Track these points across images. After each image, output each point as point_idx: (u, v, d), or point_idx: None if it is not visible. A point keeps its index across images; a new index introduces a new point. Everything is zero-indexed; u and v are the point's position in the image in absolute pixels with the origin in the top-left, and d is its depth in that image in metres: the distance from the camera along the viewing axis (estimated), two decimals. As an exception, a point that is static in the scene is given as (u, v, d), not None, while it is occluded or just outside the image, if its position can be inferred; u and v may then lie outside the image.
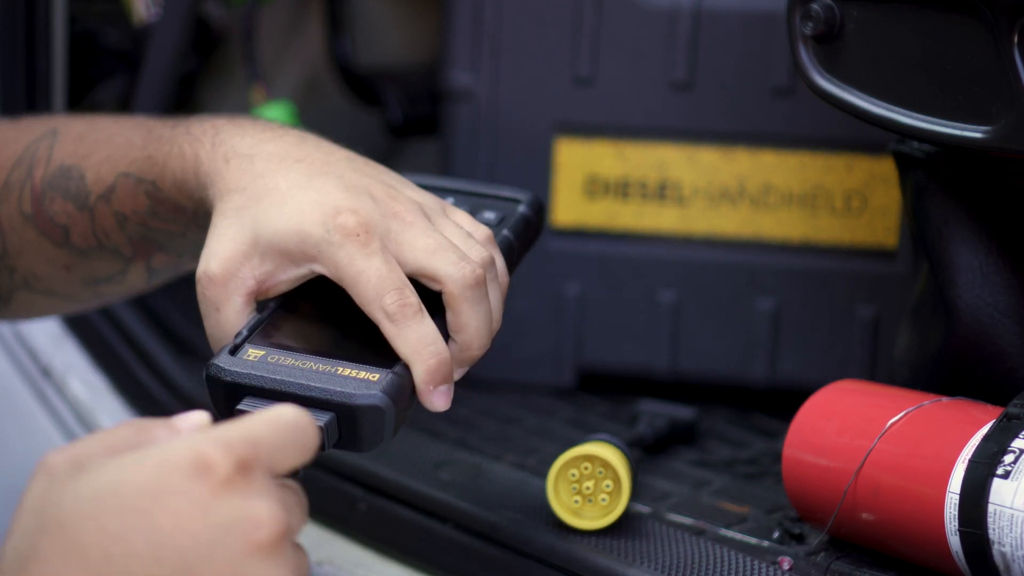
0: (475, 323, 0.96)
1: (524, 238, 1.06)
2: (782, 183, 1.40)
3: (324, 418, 0.90)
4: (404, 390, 0.93)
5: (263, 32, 1.73)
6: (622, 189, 1.43)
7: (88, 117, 1.16)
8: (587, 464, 1.07)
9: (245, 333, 0.95)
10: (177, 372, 1.45)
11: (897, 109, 1.02)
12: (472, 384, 1.46)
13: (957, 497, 0.92)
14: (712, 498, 1.18)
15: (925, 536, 0.95)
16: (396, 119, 1.80)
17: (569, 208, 1.45)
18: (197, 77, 1.83)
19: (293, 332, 0.98)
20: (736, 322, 1.42)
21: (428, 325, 0.94)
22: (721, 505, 1.16)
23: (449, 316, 0.96)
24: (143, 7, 1.62)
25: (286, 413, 0.77)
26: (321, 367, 0.92)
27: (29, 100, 1.55)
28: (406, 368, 0.93)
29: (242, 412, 0.90)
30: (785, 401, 1.23)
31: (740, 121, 1.40)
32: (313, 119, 1.81)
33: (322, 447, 0.89)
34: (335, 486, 1.25)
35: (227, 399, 0.92)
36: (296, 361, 0.93)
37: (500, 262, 1.01)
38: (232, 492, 0.72)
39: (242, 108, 1.72)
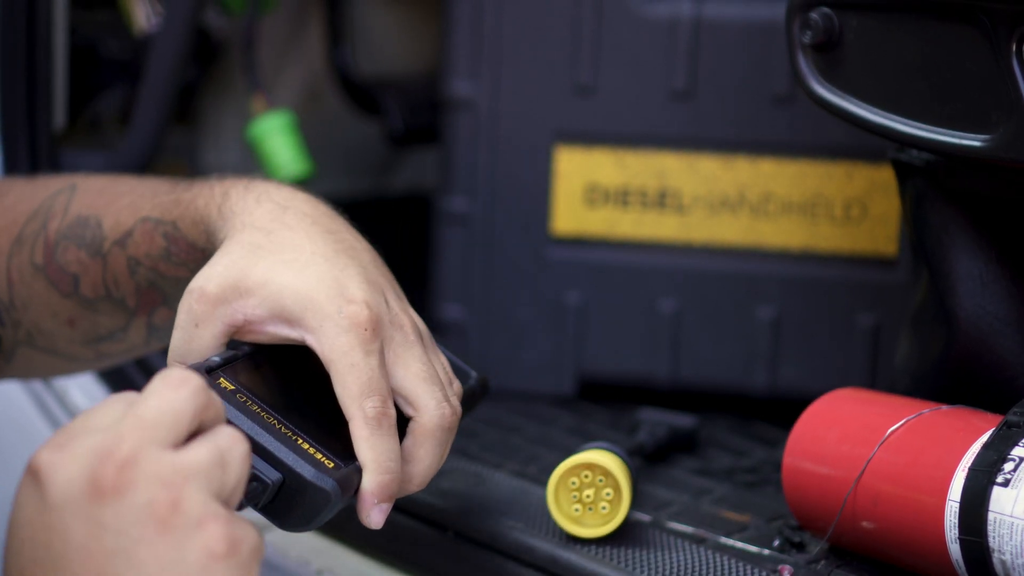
0: (428, 461, 0.96)
1: (466, 409, 1.05)
2: (782, 191, 1.40)
3: (273, 476, 0.88)
4: (350, 490, 0.91)
5: (263, 42, 1.73)
6: (622, 197, 1.43)
7: (111, 175, 1.17)
8: (587, 472, 1.07)
9: (219, 361, 0.94)
10: (178, 381, 1.45)
11: (896, 117, 1.02)
12: (472, 393, 1.47)
13: (957, 505, 0.92)
14: (713, 506, 1.18)
15: (925, 544, 0.95)
16: (396, 128, 1.81)
17: (569, 216, 1.45)
18: (197, 87, 1.83)
19: (262, 385, 0.96)
20: (736, 331, 1.42)
21: (396, 442, 0.94)
22: (722, 513, 1.16)
23: (407, 444, 0.96)
24: (143, 17, 1.62)
25: (224, 441, 0.78)
26: (284, 429, 0.91)
27: (30, 110, 1.55)
28: (359, 471, 0.92)
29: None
30: (785, 409, 1.23)
31: (740, 130, 1.41)
32: (313, 128, 1.81)
33: (254, 501, 0.88)
34: (336, 495, 1.25)
35: None
36: (262, 412, 0.92)
37: None
38: (177, 520, 0.74)
39: (242, 117, 1.72)
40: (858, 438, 1.01)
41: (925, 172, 1.10)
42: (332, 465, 0.90)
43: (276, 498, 0.89)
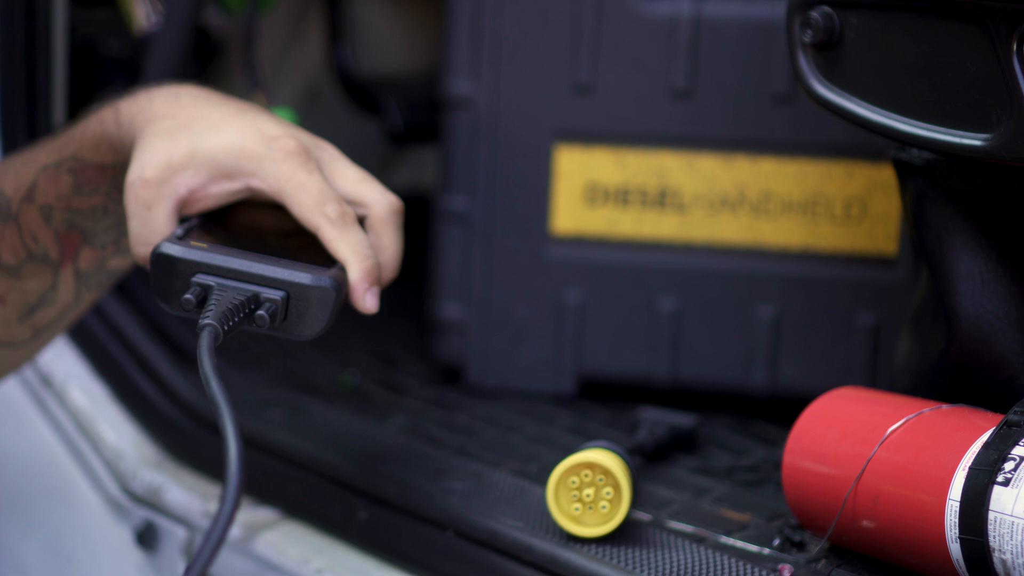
0: (394, 246, 1.09)
1: None
2: (782, 190, 1.40)
3: (277, 295, 1.00)
4: (343, 285, 1.03)
5: (263, 40, 1.73)
6: (622, 196, 1.43)
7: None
8: (587, 471, 1.07)
9: (182, 231, 1.03)
10: (178, 380, 1.45)
11: (896, 117, 1.02)
12: (472, 391, 1.47)
13: (957, 504, 0.92)
14: (713, 506, 1.18)
15: (926, 543, 0.95)
16: (396, 127, 1.81)
17: (569, 216, 1.45)
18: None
19: (226, 239, 1.06)
20: (736, 330, 1.42)
21: (362, 233, 1.06)
22: (722, 513, 1.16)
23: (371, 238, 1.08)
24: (143, 16, 1.62)
25: None
26: (266, 261, 1.01)
27: (29, 108, 1.55)
28: (342, 269, 1.04)
29: (197, 285, 0.99)
30: (785, 408, 1.23)
31: (740, 128, 1.41)
32: (313, 127, 1.81)
33: (272, 321, 0.99)
34: (335, 494, 1.25)
35: (172, 279, 1.00)
36: (241, 255, 1.01)
37: None
38: None
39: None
40: (858, 437, 1.01)
41: (925, 171, 1.10)
42: (319, 271, 1.01)
43: (287, 314, 1.00)
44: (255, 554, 1.27)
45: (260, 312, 0.99)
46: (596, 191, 1.44)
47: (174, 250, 1.00)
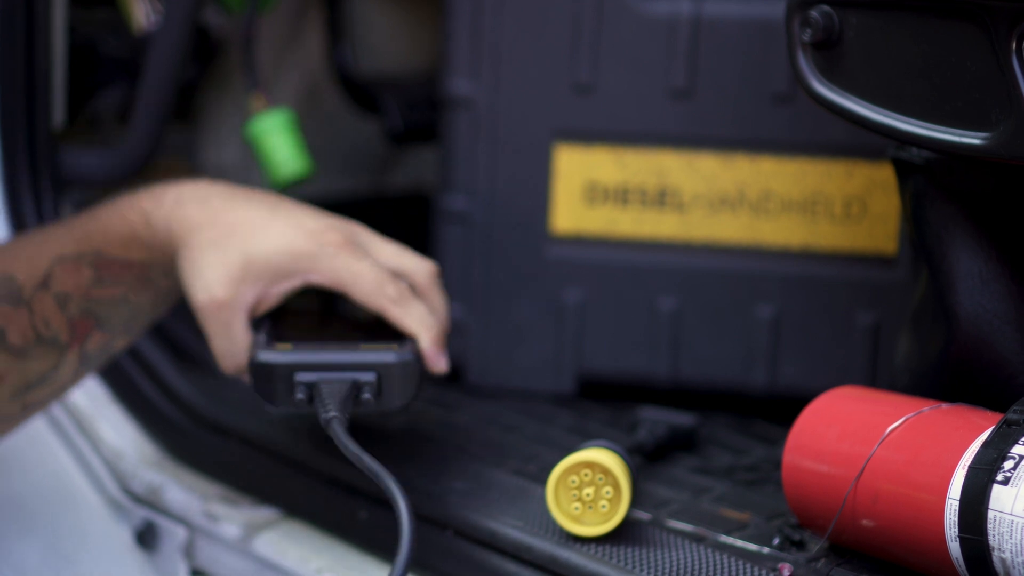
0: (442, 306, 1.19)
1: None
2: (782, 190, 1.40)
3: (371, 376, 1.11)
4: (420, 356, 1.14)
5: (263, 40, 1.73)
6: (622, 196, 1.43)
7: None
8: (587, 471, 1.07)
9: (265, 337, 1.14)
10: (178, 381, 1.45)
11: (896, 116, 1.02)
12: (472, 391, 1.47)
13: (957, 503, 0.92)
14: (712, 505, 1.18)
15: (925, 542, 0.95)
16: (396, 126, 1.81)
17: (568, 215, 1.45)
18: (197, 85, 1.83)
19: (299, 334, 1.17)
20: (736, 329, 1.42)
21: (421, 304, 1.16)
22: (721, 512, 1.16)
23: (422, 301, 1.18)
24: (143, 15, 1.62)
25: None
26: (350, 349, 1.12)
27: (29, 108, 1.55)
28: (414, 341, 1.14)
29: (302, 384, 1.10)
30: (785, 408, 1.23)
31: (740, 128, 1.41)
32: (313, 127, 1.81)
33: (368, 405, 1.11)
34: (335, 495, 1.25)
35: (275, 383, 1.10)
36: (327, 348, 1.12)
37: None
38: None
39: (242, 116, 1.72)
40: (858, 436, 1.01)
41: (925, 170, 1.10)
42: (396, 347, 1.13)
43: (379, 393, 1.11)
44: (255, 554, 1.27)
45: (366, 396, 1.11)
46: (596, 191, 1.44)
47: (272, 357, 1.11)
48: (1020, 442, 0.92)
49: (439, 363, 1.16)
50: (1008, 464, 0.91)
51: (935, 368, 1.10)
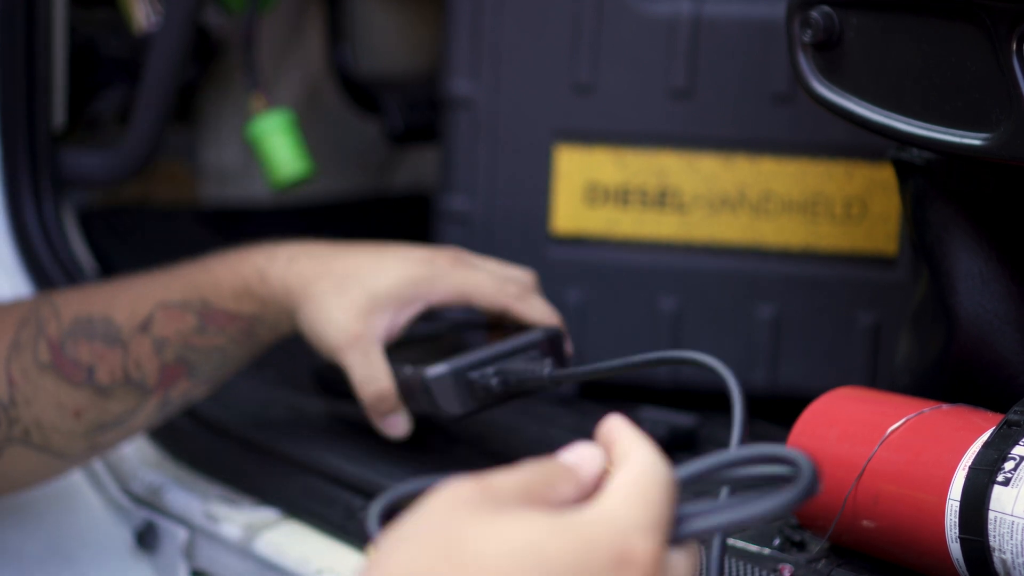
0: (543, 304, 1.26)
1: None
2: (782, 190, 1.40)
3: (537, 355, 1.20)
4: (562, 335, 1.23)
5: (263, 40, 1.73)
6: (622, 196, 1.43)
7: (78, 287, 1.31)
8: None
9: (402, 363, 1.21)
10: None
11: (896, 116, 1.02)
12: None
13: (958, 504, 0.92)
14: (713, 505, 1.18)
15: (926, 543, 0.95)
16: (396, 126, 1.81)
17: (569, 216, 1.45)
18: (197, 86, 1.83)
19: (419, 356, 1.24)
20: (736, 329, 1.42)
21: (539, 296, 1.25)
22: (722, 512, 1.16)
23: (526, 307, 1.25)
24: (143, 16, 1.62)
25: (662, 471, 0.71)
26: (497, 342, 1.21)
27: (29, 109, 1.55)
28: (543, 326, 1.23)
29: (481, 381, 1.18)
30: (786, 408, 1.23)
31: (740, 128, 1.41)
32: (313, 127, 1.81)
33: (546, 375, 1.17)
34: (335, 494, 1.25)
35: (454, 389, 1.18)
36: (483, 347, 1.21)
37: None
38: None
39: (242, 116, 1.72)
40: (858, 437, 1.01)
41: (925, 171, 1.10)
42: (546, 327, 1.23)
43: (555, 362, 1.20)
44: (255, 554, 1.27)
45: (546, 369, 1.18)
46: (596, 191, 1.44)
47: (444, 368, 1.18)
48: (1020, 443, 0.92)
49: (569, 347, 1.23)
50: (1009, 465, 0.91)
51: (935, 368, 1.10)
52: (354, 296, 1.20)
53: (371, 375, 1.21)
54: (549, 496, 0.70)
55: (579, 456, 0.74)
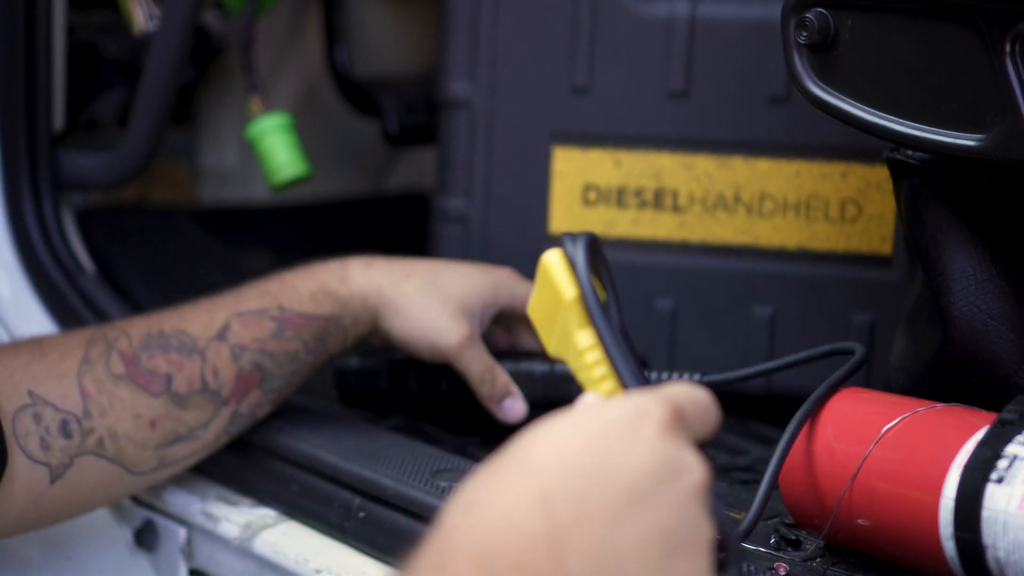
0: None
1: None
2: (778, 191, 1.41)
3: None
4: None
5: (261, 42, 1.73)
6: (619, 197, 1.44)
7: (139, 314, 1.32)
8: None
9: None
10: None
11: (891, 117, 1.03)
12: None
13: (952, 503, 0.93)
14: (709, 504, 1.18)
15: (920, 541, 0.95)
16: (393, 128, 1.81)
17: (566, 216, 1.45)
18: (196, 87, 1.83)
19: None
20: (733, 329, 1.42)
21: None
22: (718, 511, 1.17)
23: None
24: (142, 18, 1.62)
25: (701, 393, 0.82)
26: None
27: (28, 111, 1.56)
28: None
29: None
30: (782, 408, 1.23)
31: (736, 129, 1.41)
32: (311, 128, 1.81)
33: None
34: (334, 494, 1.26)
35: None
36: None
37: None
38: (669, 436, 0.77)
39: (241, 118, 1.72)
40: (854, 436, 1.01)
41: (920, 171, 1.10)
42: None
43: None
44: (254, 554, 1.27)
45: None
46: (593, 192, 1.45)
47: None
48: (1014, 441, 0.92)
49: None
50: (1003, 463, 0.91)
51: (930, 368, 1.11)
52: (448, 300, 1.30)
53: (488, 370, 1.30)
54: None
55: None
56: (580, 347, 0.86)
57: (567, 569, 0.72)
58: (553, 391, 1.33)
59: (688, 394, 0.81)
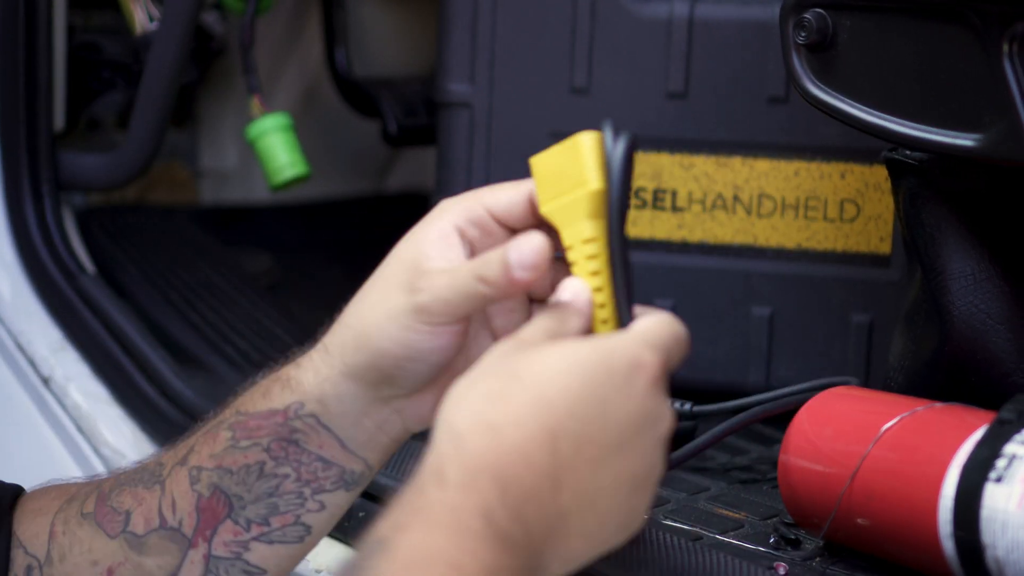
0: None
1: None
2: (776, 191, 1.41)
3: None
4: None
5: (261, 43, 1.73)
6: (618, 197, 1.43)
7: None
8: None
9: None
10: (176, 381, 1.46)
11: (889, 117, 1.03)
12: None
13: (951, 502, 0.93)
14: (709, 504, 1.19)
15: (919, 541, 0.95)
16: (393, 129, 1.81)
17: (565, 216, 1.45)
18: (196, 88, 1.84)
19: None
20: (732, 329, 1.43)
21: None
22: (718, 511, 1.17)
23: None
24: (143, 18, 1.62)
25: (679, 329, 0.88)
26: None
27: (29, 112, 1.56)
28: None
29: None
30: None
31: (735, 130, 1.41)
32: (311, 128, 1.81)
33: None
34: (334, 494, 1.26)
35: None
36: None
37: None
38: (656, 390, 0.84)
39: (241, 119, 1.72)
40: (853, 435, 1.01)
41: (918, 171, 1.10)
42: None
43: None
44: (254, 553, 1.27)
45: None
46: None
47: None
48: (1013, 441, 0.92)
49: None
50: (1001, 463, 0.91)
51: (929, 367, 1.11)
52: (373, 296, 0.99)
53: (466, 272, 0.94)
54: (565, 332, 0.88)
55: (573, 291, 0.90)
56: (584, 236, 0.89)
57: (560, 502, 0.80)
58: None
59: (672, 334, 0.87)
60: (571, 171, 0.89)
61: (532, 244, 0.90)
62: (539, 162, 0.91)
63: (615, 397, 0.83)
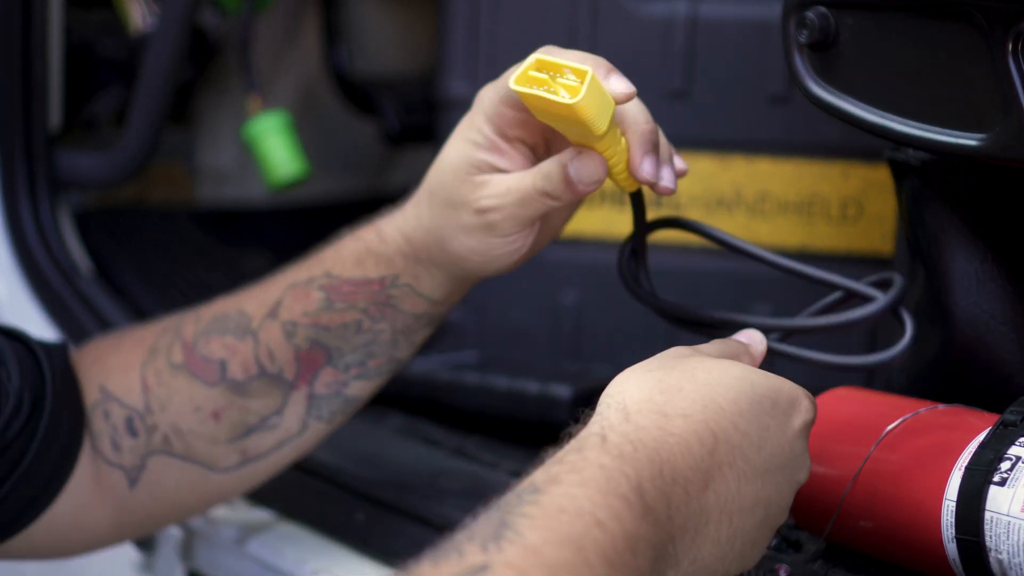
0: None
1: None
2: (778, 191, 1.40)
3: None
4: None
5: (259, 42, 1.73)
6: (619, 197, 1.43)
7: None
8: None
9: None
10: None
11: (892, 117, 1.03)
12: (469, 393, 1.47)
13: (954, 504, 0.92)
14: (709, 506, 1.18)
15: (922, 543, 0.95)
16: (392, 127, 1.81)
17: (566, 216, 1.45)
18: (194, 87, 1.83)
19: None
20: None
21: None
22: (718, 513, 1.16)
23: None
24: (140, 17, 1.62)
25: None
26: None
27: (25, 110, 1.55)
28: None
29: None
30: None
31: (736, 129, 1.41)
32: (310, 128, 1.81)
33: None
34: (333, 496, 1.25)
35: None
36: None
37: None
38: (805, 437, 0.91)
39: (239, 117, 1.72)
40: (855, 437, 1.01)
41: (921, 171, 1.10)
42: None
43: None
44: (252, 555, 1.27)
45: None
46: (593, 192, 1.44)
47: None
48: (1017, 443, 0.92)
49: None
50: (1005, 465, 0.91)
51: (932, 369, 1.10)
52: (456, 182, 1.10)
53: (545, 174, 1.06)
54: (739, 359, 0.96)
55: (750, 337, 1.02)
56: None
57: (704, 500, 0.85)
58: (547, 414, 1.28)
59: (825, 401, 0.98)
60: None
61: (594, 162, 1.06)
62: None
63: (774, 426, 0.89)
